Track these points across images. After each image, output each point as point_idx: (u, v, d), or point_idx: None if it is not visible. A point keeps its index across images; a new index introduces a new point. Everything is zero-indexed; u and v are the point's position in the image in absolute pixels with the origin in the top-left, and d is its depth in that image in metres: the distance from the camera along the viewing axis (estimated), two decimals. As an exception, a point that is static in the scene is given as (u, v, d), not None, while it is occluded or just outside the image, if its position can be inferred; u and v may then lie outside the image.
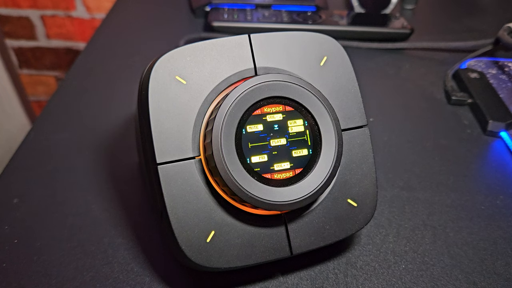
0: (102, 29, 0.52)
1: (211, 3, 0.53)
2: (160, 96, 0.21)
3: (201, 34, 0.49)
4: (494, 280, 0.25)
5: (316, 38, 0.24)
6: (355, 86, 0.24)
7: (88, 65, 0.45)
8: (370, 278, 0.25)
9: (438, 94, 0.42)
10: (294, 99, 0.22)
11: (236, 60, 0.23)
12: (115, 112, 0.37)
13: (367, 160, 0.24)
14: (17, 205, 0.28)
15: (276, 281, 0.25)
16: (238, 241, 0.22)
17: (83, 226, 0.27)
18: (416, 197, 0.30)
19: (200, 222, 0.21)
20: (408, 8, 0.61)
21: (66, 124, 0.36)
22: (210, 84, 0.22)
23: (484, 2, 0.65)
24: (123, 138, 0.35)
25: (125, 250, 0.26)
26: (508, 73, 0.43)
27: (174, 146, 0.21)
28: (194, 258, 0.21)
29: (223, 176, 0.20)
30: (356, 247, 0.27)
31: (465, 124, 0.38)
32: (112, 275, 0.25)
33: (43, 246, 0.26)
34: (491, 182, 0.32)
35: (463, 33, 0.55)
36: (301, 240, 0.23)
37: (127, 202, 0.29)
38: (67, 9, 0.89)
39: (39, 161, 0.32)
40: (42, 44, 0.95)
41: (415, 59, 0.49)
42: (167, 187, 0.21)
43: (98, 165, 0.32)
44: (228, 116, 0.20)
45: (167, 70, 0.21)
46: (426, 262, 0.26)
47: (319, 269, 0.25)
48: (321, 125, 0.22)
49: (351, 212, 0.24)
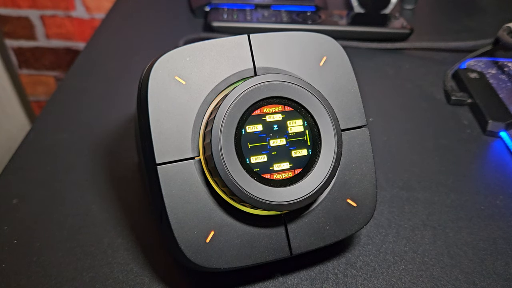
0: (102, 29, 0.52)
1: (210, 3, 0.53)
2: (159, 96, 0.21)
3: (200, 34, 0.49)
4: (494, 280, 0.25)
5: (315, 38, 0.24)
6: (354, 86, 0.24)
7: (87, 65, 0.45)
8: (369, 278, 0.25)
9: (437, 94, 0.42)
10: (293, 99, 0.22)
11: (236, 60, 0.23)
12: (115, 112, 0.37)
13: (366, 160, 0.24)
14: (17, 205, 0.28)
15: (276, 281, 0.25)
16: (237, 242, 0.22)
17: (83, 226, 0.27)
18: (416, 197, 0.30)
19: (199, 223, 0.21)
20: (407, 8, 0.61)
21: (66, 124, 0.36)
22: (209, 84, 0.22)
23: (484, 2, 0.65)
24: (123, 138, 0.35)
25: (124, 250, 0.26)
26: (507, 73, 0.43)
27: (173, 146, 0.21)
28: (194, 259, 0.21)
29: (223, 177, 0.20)
30: (355, 247, 0.27)
31: (464, 124, 0.38)
32: (111, 275, 0.25)
33: (42, 246, 0.26)
34: (491, 182, 0.32)
35: (462, 33, 0.55)
36: (301, 240, 0.23)
37: (127, 202, 0.29)
38: (66, 9, 0.89)
39: (39, 161, 0.32)
40: (41, 44, 0.95)
41: (414, 59, 0.49)
42: (166, 188, 0.21)
43: (98, 165, 0.32)
44: (228, 117, 0.20)
45: (166, 70, 0.21)
46: (426, 262, 0.26)
47: (319, 269, 0.25)
48: (321, 125, 0.22)
49: (350, 212, 0.24)
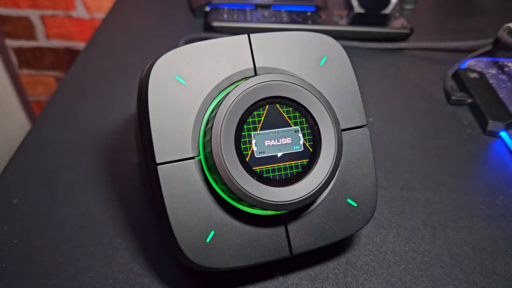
0: (102, 29, 0.52)
1: (210, 3, 0.53)
2: (159, 96, 0.21)
3: (200, 34, 0.49)
4: (494, 280, 0.25)
5: (315, 38, 0.24)
6: (354, 86, 0.24)
7: (88, 65, 0.45)
8: (370, 278, 0.25)
9: (438, 94, 0.42)
10: (294, 99, 0.22)
11: (236, 60, 0.23)
12: (115, 112, 0.37)
13: (366, 160, 0.24)
14: (17, 205, 0.28)
15: (276, 281, 0.25)
16: (237, 241, 0.22)
17: (82, 226, 0.27)
18: (416, 197, 0.30)
19: (199, 222, 0.21)
20: (407, 8, 0.61)
21: (66, 124, 0.36)
22: (209, 84, 0.22)
23: (484, 2, 0.65)
24: (123, 138, 0.35)
25: (124, 250, 0.26)
26: (508, 73, 0.43)
27: (173, 146, 0.21)
28: (194, 258, 0.21)
29: (222, 174, 0.20)
30: (356, 247, 0.27)
31: (465, 124, 0.38)
32: (111, 275, 0.25)
33: (42, 246, 0.26)
34: (491, 182, 0.32)
35: (463, 33, 0.55)
36: (301, 240, 0.23)
37: (127, 202, 0.29)
38: (66, 9, 0.89)
39: (39, 161, 0.32)
40: (42, 44, 0.95)
41: (415, 59, 0.49)
42: (166, 187, 0.21)
43: (98, 165, 0.32)
44: (228, 115, 0.20)
45: (166, 70, 0.21)
46: (426, 262, 0.26)
47: (319, 269, 0.25)
48: (321, 125, 0.22)
49: (351, 212, 0.24)
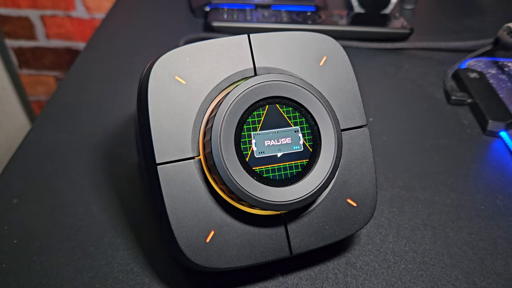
0: (102, 29, 0.52)
1: (210, 3, 0.53)
2: (159, 96, 0.21)
3: (200, 34, 0.49)
4: (494, 280, 0.25)
5: (315, 38, 0.24)
6: (354, 86, 0.24)
7: (88, 65, 0.45)
8: (370, 278, 0.25)
9: (437, 94, 0.42)
10: (294, 99, 0.22)
11: (236, 60, 0.23)
12: (115, 112, 0.37)
13: (366, 160, 0.24)
14: (17, 205, 0.28)
15: (276, 281, 0.25)
16: (237, 241, 0.22)
17: (82, 226, 0.27)
18: (416, 197, 0.30)
19: (199, 222, 0.21)
20: (407, 8, 0.61)
21: (66, 124, 0.36)
22: (209, 84, 0.22)
23: (484, 2, 0.65)
24: (123, 138, 0.35)
25: (124, 250, 0.26)
26: (507, 73, 0.43)
27: (173, 146, 0.21)
28: (194, 258, 0.21)
29: (221, 174, 0.20)
30: (356, 247, 0.27)
31: (464, 124, 0.38)
32: (111, 275, 0.25)
33: (42, 246, 0.26)
34: (491, 182, 0.32)
35: (462, 33, 0.55)
36: (301, 240, 0.23)
37: (127, 202, 0.29)
38: (66, 9, 0.89)
39: (39, 161, 0.32)
40: (41, 44, 0.95)
41: (414, 59, 0.49)
42: (166, 187, 0.21)
43: (98, 165, 0.32)
44: (228, 115, 0.20)
45: (166, 70, 0.21)
46: (426, 262, 0.26)
47: (319, 269, 0.25)
48: (321, 125, 0.22)
49: (350, 212, 0.24)
